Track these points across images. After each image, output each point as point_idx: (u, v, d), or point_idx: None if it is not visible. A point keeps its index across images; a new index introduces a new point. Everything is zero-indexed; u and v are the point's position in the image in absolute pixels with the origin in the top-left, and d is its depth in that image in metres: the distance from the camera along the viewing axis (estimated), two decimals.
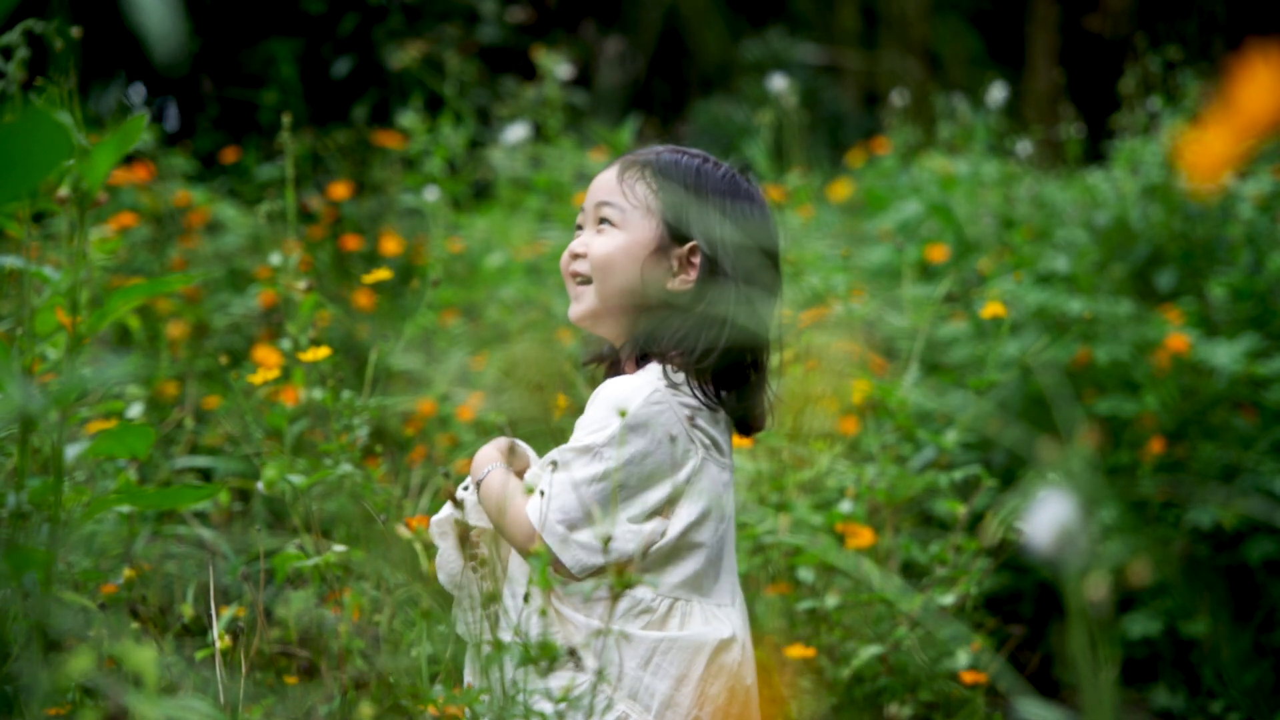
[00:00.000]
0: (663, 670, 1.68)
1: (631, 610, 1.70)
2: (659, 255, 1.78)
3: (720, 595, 1.76)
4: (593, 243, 1.81)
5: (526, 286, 3.56)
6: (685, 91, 7.07)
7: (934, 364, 3.44)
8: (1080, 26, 7.34)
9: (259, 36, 5.06)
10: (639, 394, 1.70)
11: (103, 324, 1.47)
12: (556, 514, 1.66)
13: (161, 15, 1.02)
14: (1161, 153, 3.76)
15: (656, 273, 1.78)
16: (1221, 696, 2.96)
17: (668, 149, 1.86)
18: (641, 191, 1.80)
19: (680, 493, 1.71)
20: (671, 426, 1.70)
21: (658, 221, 1.79)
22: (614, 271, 1.79)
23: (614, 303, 1.80)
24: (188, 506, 2.56)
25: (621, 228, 1.80)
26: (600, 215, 1.82)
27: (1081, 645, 1.00)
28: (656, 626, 1.70)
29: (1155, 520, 3.20)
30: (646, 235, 1.79)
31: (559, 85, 4.35)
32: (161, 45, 1.02)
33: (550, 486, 1.68)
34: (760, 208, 1.85)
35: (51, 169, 1.22)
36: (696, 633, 1.70)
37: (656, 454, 1.69)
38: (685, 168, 1.82)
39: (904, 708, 2.44)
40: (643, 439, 1.69)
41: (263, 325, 3.60)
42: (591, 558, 1.66)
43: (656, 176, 1.81)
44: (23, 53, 1.85)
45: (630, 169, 1.82)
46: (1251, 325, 3.41)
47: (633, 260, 1.78)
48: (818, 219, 4.20)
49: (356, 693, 2.02)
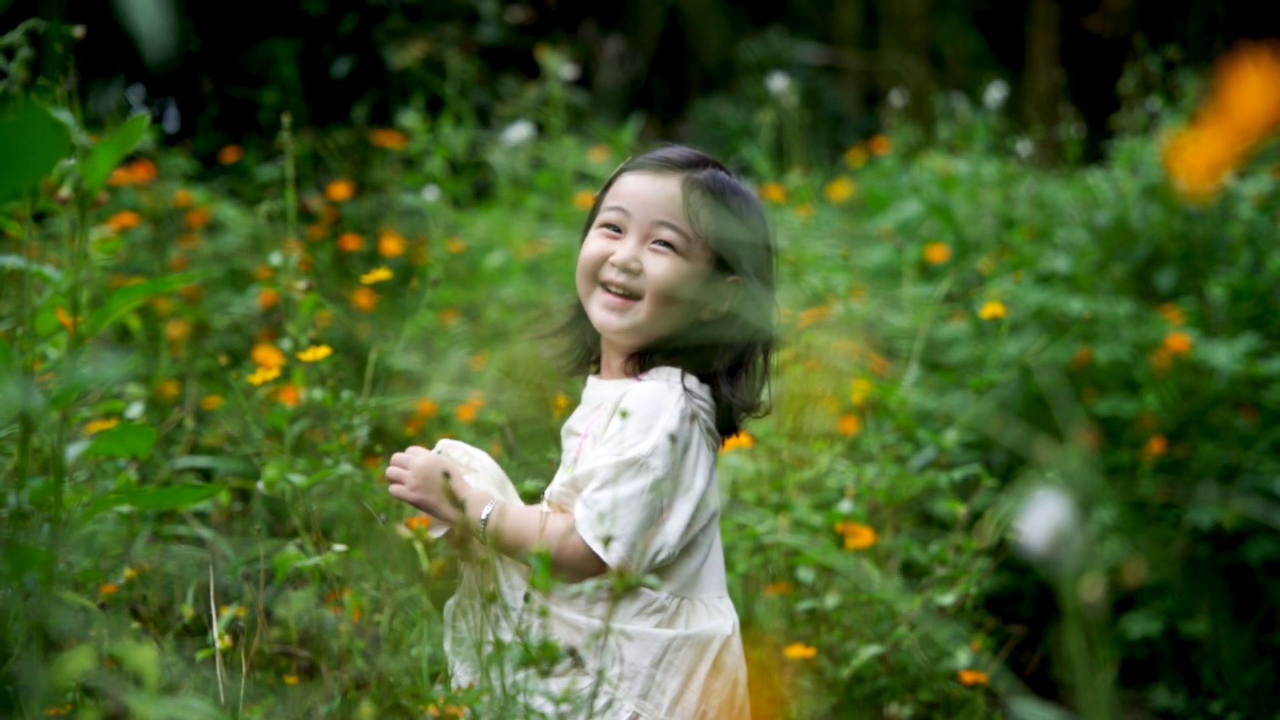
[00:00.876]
0: (674, 667, 1.71)
1: (645, 609, 1.72)
2: (707, 284, 1.80)
3: (719, 589, 1.79)
4: (652, 264, 1.79)
5: (526, 286, 3.56)
6: (685, 91, 7.07)
7: (934, 364, 3.44)
8: (1080, 26, 7.34)
9: (259, 36, 5.06)
10: (673, 403, 1.73)
11: (103, 324, 1.47)
12: (623, 531, 1.68)
13: (152, 15, 1.02)
14: (1161, 153, 3.76)
15: (710, 300, 1.80)
16: (1221, 696, 2.96)
17: (699, 158, 1.86)
18: (705, 221, 1.79)
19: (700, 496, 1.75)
20: (698, 434, 1.75)
21: (712, 253, 1.80)
22: (674, 300, 1.79)
23: (662, 325, 1.80)
24: (188, 506, 2.56)
25: (685, 257, 1.79)
26: (660, 235, 1.80)
27: (1078, 645, 1.00)
28: (668, 625, 1.72)
29: (1155, 520, 3.20)
30: (704, 266, 1.80)
31: (560, 85, 4.35)
32: (153, 45, 1.02)
33: (604, 504, 1.69)
34: (759, 210, 1.88)
35: (49, 167, 1.22)
36: (705, 629, 1.73)
37: (687, 461, 1.73)
38: (735, 196, 1.83)
39: (904, 708, 2.44)
40: (678, 448, 1.71)
41: (263, 325, 3.60)
42: (643, 567, 1.70)
43: (718, 206, 1.81)
44: (26, 52, 1.85)
45: (694, 192, 1.81)
46: (1251, 325, 3.41)
47: (690, 290, 1.79)
48: (818, 219, 4.20)
49: (356, 693, 2.02)
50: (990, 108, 4.71)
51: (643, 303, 1.79)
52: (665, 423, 1.71)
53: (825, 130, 6.69)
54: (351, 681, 2.04)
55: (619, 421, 1.72)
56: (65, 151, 1.19)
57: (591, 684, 1.63)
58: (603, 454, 1.72)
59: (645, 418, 1.71)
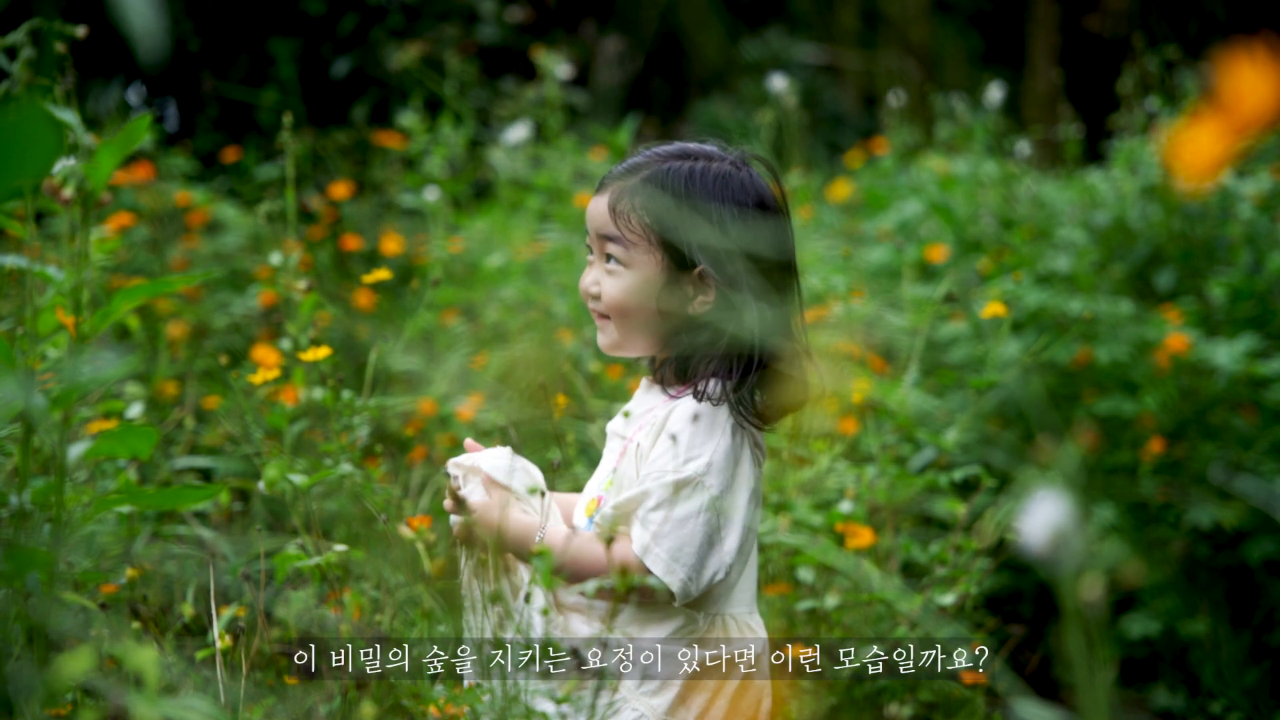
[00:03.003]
0: (702, 685, 1.69)
1: (682, 630, 1.70)
2: (671, 285, 1.74)
3: (749, 604, 1.77)
4: (604, 283, 1.76)
5: (526, 287, 3.56)
6: (685, 91, 7.07)
7: (934, 364, 3.44)
8: (1080, 26, 7.34)
9: (259, 36, 5.06)
10: (721, 419, 1.69)
11: (105, 324, 1.47)
12: (686, 558, 1.65)
13: (145, 14, 1.02)
14: (1160, 152, 3.76)
15: (674, 302, 1.74)
16: (1221, 696, 2.96)
17: (656, 156, 1.78)
18: (637, 223, 1.73)
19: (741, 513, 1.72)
20: (747, 451, 1.71)
21: (661, 252, 1.74)
22: (630, 312, 1.75)
23: (638, 336, 1.77)
24: (188, 506, 2.56)
25: (629, 266, 1.74)
26: (605, 251, 1.76)
27: (1078, 645, 1.00)
28: (698, 643, 1.70)
29: (1155, 520, 3.20)
30: (653, 270, 1.73)
31: (558, 85, 4.35)
32: (146, 43, 1.02)
33: (664, 528, 1.65)
34: (757, 198, 1.78)
35: (48, 167, 1.22)
36: (734, 647, 1.71)
37: (738, 479, 1.70)
38: (674, 181, 1.74)
39: (904, 708, 2.44)
40: (732, 466, 1.68)
41: (263, 325, 3.60)
42: (701, 588, 1.67)
43: (648, 200, 1.73)
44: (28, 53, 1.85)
45: (621, 199, 1.75)
46: (1251, 325, 3.41)
47: (647, 298, 1.74)
48: (817, 219, 4.20)
49: (356, 693, 2.02)
50: (989, 108, 4.71)
51: (611, 321, 1.77)
52: (718, 440, 1.67)
53: (824, 130, 6.70)
54: (351, 681, 2.04)
55: (667, 441, 1.68)
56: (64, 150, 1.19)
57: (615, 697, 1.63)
58: (654, 473, 1.68)
59: (697, 433, 1.68)
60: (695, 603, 1.69)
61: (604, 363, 2.99)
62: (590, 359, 3.07)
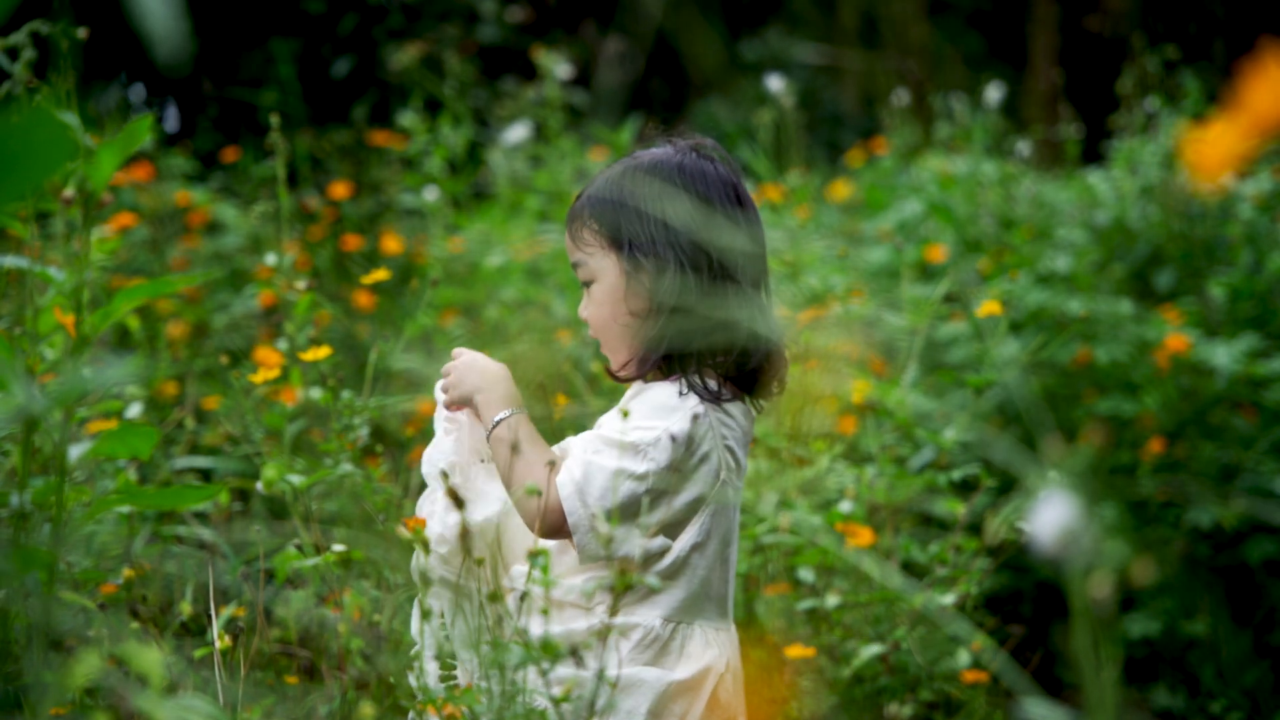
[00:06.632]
0: (671, 713, 1.70)
1: (641, 642, 1.71)
2: (633, 283, 1.77)
3: (719, 618, 1.77)
4: (588, 309, 1.82)
5: (526, 287, 3.56)
6: (685, 91, 7.07)
7: (933, 364, 3.44)
8: (1080, 26, 7.34)
9: (259, 36, 5.06)
10: (687, 406, 1.71)
11: (105, 324, 1.47)
12: (591, 494, 1.67)
13: (164, 16, 1.02)
14: (1160, 152, 3.76)
15: (639, 299, 1.77)
16: (1221, 696, 2.96)
17: (615, 165, 1.84)
18: (589, 235, 1.79)
19: (693, 513, 1.73)
20: (708, 446, 1.72)
21: (615, 253, 1.78)
22: (607, 324, 1.80)
23: (622, 345, 1.80)
24: (187, 506, 2.56)
25: (598, 280, 1.79)
26: (580, 279, 1.83)
27: (1084, 644, 1.00)
28: (662, 656, 1.71)
29: (1155, 520, 3.20)
30: (615, 274, 1.78)
31: (559, 85, 4.35)
32: (164, 46, 1.02)
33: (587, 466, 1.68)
34: (700, 177, 1.79)
35: (55, 169, 1.21)
36: (700, 667, 1.72)
37: (685, 469, 1.71)
38: (611, 184, 1.80)
39: (904, 708, 2.44)
40: (680, 451, 1.70)
41: (263, 325, 3.60)
42: (600, 550, 1.67)
43: (594, 211, 1.79)
44: (29, 54, 1.85)
45: (574, 221, 1.82)
46: (1251, 325, 3.41)
47: (616, 303, 1.78)
48: (817, 219, 4.20)
49: (356, 693, 2.02)
50: (989, 108, 4.71)
51: (600, 341, 1.83)
52: (674, 422, 1.70)
53: (824, 130, 6.70)
54: (351, 681, 2.03)
55: (620, 413, 1.72)
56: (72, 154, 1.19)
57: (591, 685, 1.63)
58: (604, 431, 1.73)
59: (655, 412, 1.71)
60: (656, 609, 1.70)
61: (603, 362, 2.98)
62: (590, 359, 3.07)
